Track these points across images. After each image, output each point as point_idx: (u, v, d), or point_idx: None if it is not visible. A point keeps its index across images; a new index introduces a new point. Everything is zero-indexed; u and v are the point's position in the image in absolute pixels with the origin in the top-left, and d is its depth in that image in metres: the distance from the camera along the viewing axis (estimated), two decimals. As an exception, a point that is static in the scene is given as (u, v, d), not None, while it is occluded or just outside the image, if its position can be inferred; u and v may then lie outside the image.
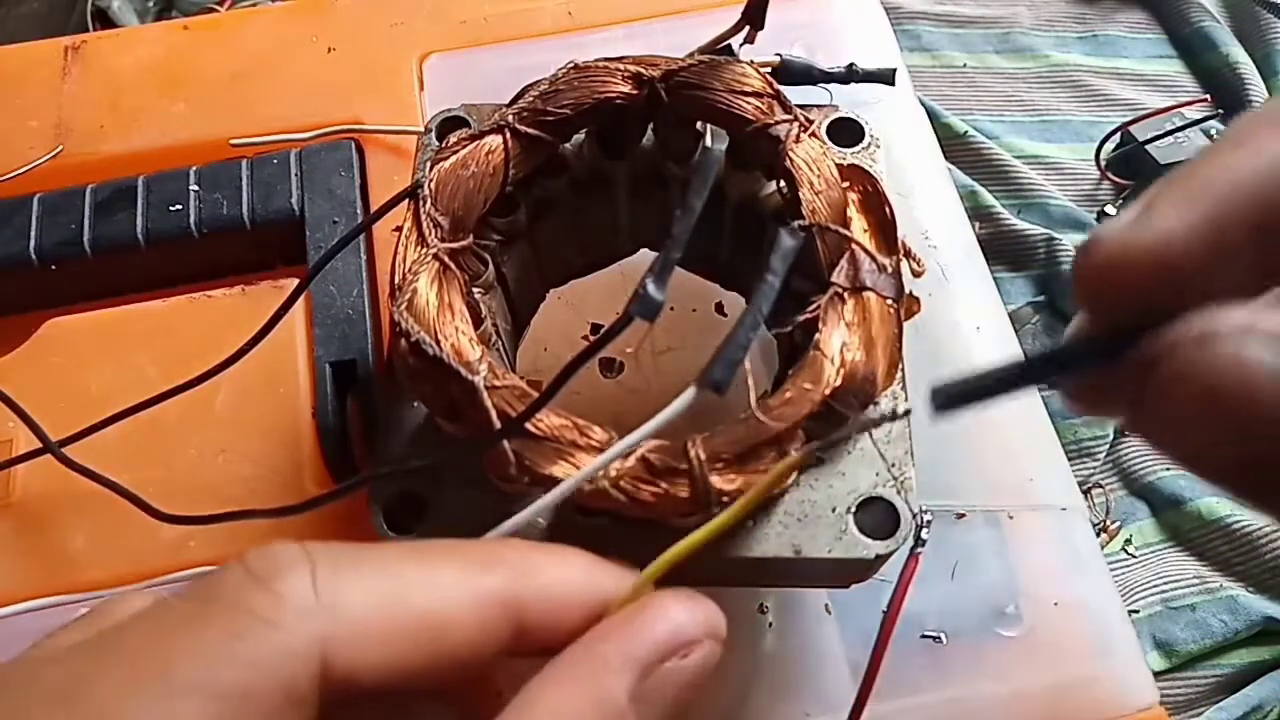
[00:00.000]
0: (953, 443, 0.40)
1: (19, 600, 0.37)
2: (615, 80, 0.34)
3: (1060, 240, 0.69)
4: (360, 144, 0.48)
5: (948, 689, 0.36)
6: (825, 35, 0.51)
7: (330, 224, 0.45)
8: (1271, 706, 0.53)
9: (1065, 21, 0.85)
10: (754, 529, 0.29)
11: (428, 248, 0.31)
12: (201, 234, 0.45)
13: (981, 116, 0.78)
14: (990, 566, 0.38)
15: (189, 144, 0.49)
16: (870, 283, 0.30)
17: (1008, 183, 0.74)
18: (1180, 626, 0.56)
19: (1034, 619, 0.37)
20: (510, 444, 0.26)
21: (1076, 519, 0.39)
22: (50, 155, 0.49)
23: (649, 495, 0.26)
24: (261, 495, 0.39)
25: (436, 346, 0.28)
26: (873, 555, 0.28)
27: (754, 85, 0.33)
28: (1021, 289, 0.70)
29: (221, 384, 0.38)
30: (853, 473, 0.29)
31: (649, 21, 0.53)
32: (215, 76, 0.51)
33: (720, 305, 0.43)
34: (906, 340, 0.31)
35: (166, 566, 0.38)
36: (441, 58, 0.52)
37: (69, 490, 0.38)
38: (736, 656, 0.36)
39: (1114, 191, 0.74)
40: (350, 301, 0.42)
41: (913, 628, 0.36)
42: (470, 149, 0.33)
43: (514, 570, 0.21)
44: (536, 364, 0.42)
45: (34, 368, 0.42)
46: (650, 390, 0.42)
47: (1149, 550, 0.60)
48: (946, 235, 0.45)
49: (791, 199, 0.32)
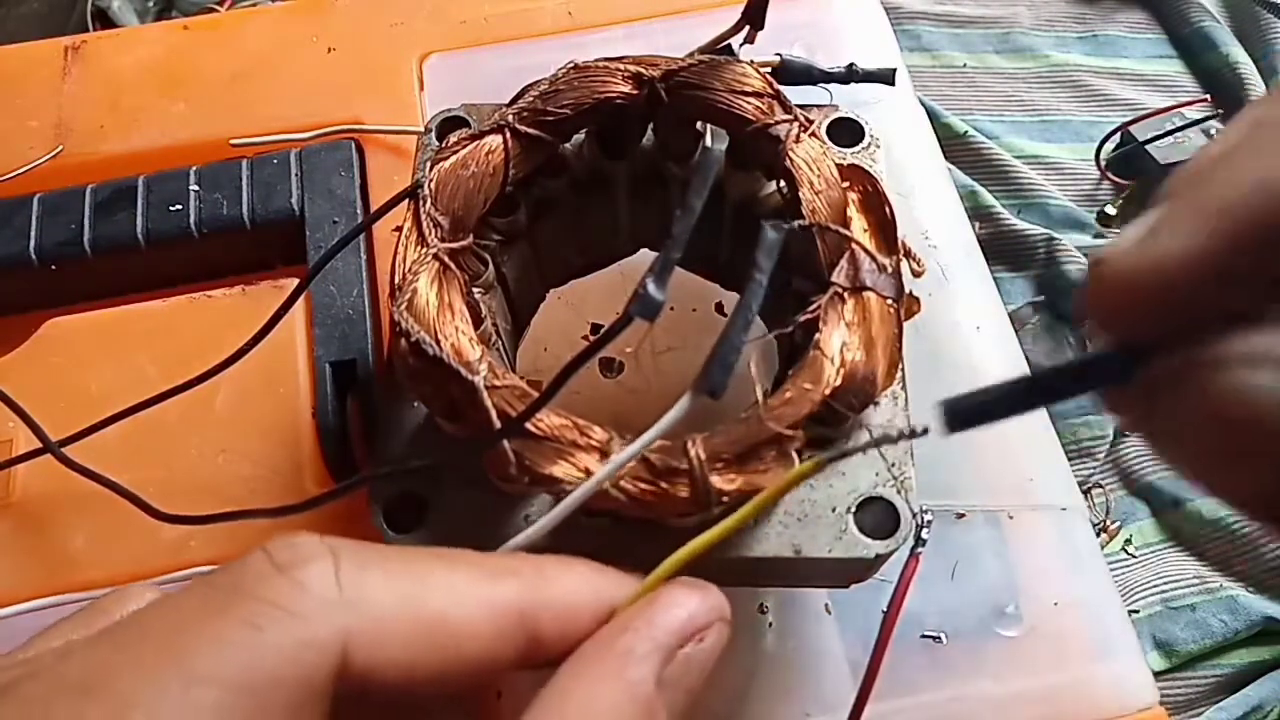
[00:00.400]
0: (953, 443, 0.39)
1: (19, 600, 0.37)
2: (615, 80, 0.34)
3: (1060, 240, 0.69)
4: (360, 144, 0.48)
5: (948, 689, 0.36)
6: (825, 35, 0.51)
7: (330, 224, 0.45)
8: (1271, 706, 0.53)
9: (1065, 21, 0.85)
10: (754, 529, 0.29)
11: (428, 248, 0.31)
12: (201, 234, 0.45)
13: (981, 116, 0.78)
14: (990, 566, 0.38)
15: (189, 144, 0.49)
16: (870, 283, 0.30)
17: (1008, 183, 0.74)
18: (1180, 626, 0.56)
19: (1034, 619, 0.37)
20: (510, 444, 0.26)
21: (1076, 519, 0.39)
22: (50, 155, 0.49)
23: (649, 495, 0.26)
24: (261, 495, 0.39)
25: (436, 346, 0.28)
26: (873, 555, 0.28)
27: (754, 85, 0.33)
28: (1021, 289, 0.70)
29: (221, 384, 0.38)
30: (853, 472, 0.29)
31: (649, 21, 0.53)
32: (215, 76, 0.51)
33: (720, 305, 0.43)
34: (906, 340, 0.31)
35: (166, 566, 0.38)
36: (441, 58, 0.52)
37: (69, 490, 0.38)
38: (736, 656, 0.36)
39: (1114, 191, 0.75)
40: (350, 301, 0.42)
41: (913, 628, 0.36)
42: (470, 149, 0.33)
43: (528, 582, 0.21)
44: (536, 364, 0.42)
45: (34, 368, 0.42)
46: (650, 390, 0.42)
47: (1149, 550, 0.60)
48: (946, 235, 0.45)
49: (791, 199, 0.32)
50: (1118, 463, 0.63)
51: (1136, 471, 0.62)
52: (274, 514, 0.31)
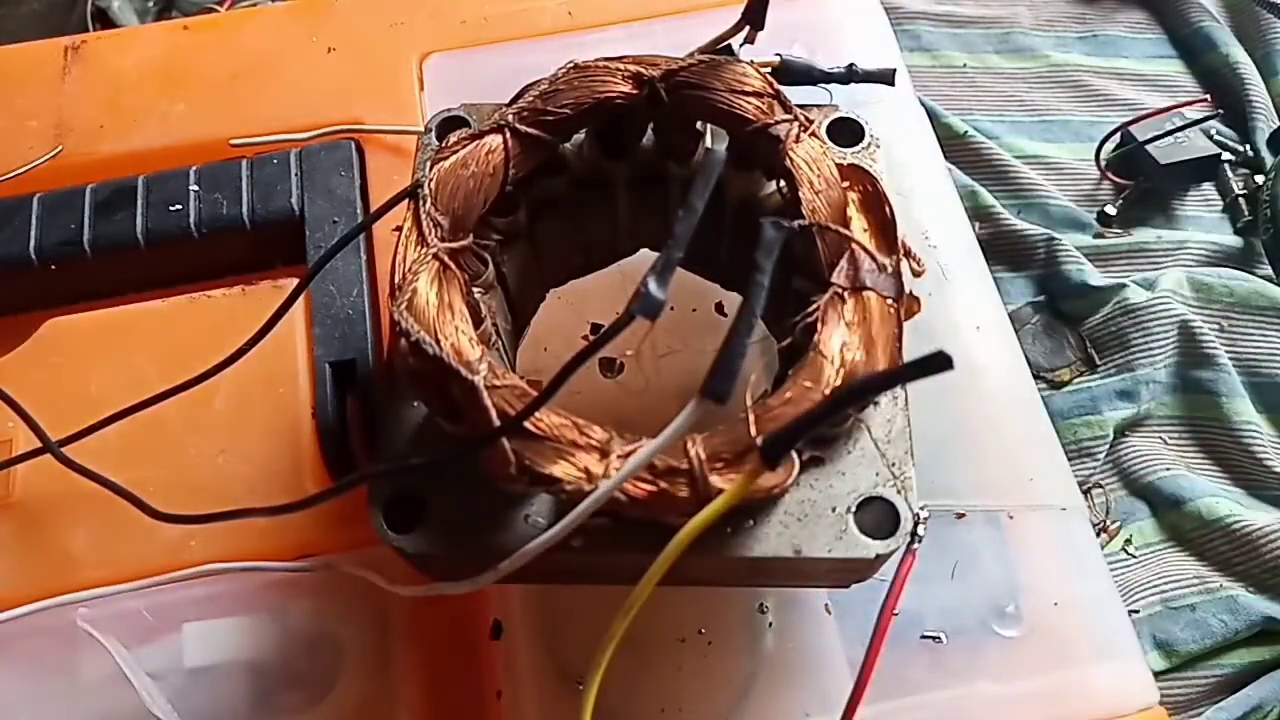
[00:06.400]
0: (953, 443, 0.40)
1: (19, 599, 0.37)
2: (615, 80, 0.34)
3: (1060, 240, 0.69)
4: (360, 144, 0.48)
5: (948, 689, 0.36)
6: (825, 35, 0.51)
7: (330, 224, 0.45)
8: (1271, 706, 0.53)
9: (1065, 21, 0.85)
10: (754, 529, 0.29)
11: (428, 247, 0.31)
12: (201, 234, 0.45)
13: (981, 116, 0.78)
14: (990, 566, 0.38)
15: (189, 144, 0.49)
16: (870, 283, 0.30)
17: (1008, 183, 0.74)
18: (1180, 626, 0.56)
19: (1034, 619, 0.37)
20: (510, 443, 0.26)
21: (1076, 519, 0.39)
22: (50, 155, 0.49)
23: (649, 494, 0.26)
24: (261, 495, 0.39)
25: (436, 346, 0.28)
26: (873, 555, 0.28)
27: (754, 85, 0.33)
28: (1021, 289, 0.70)
29: (221, 384, 0.38)
30: (853, 473, 0.29)
31: (649, 21, 0.53)
32: (215, 76, 0.51)
33: (720, 305, 0.43)
34: (906, 340, 0.31)
35: (166, 566, 0.37)
36: (441, 58, 0.52)
37: (69, 490, 0.38)
38: (736, 656, 0.36)
39: (1114, 191, 0.74)
40: (350, 301, 0.42)
41: (913, 628, 0.36)
42: (470, 149, 0.33)
43: None
44: (536, 364, 0.42)
45: (34, 368, 0.42)
46: (650, 390, 0.42)
47: (1149, 550, 0.60)
48: (946, 235, 0.45)
49: (791, 199, 0.32)
50: (1118, 463, 0.63)
51: (1136, 471, 0.62)
52: (271, 513, 0.31)
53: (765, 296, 0.22)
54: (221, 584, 0.37)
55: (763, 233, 0.22)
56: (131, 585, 0.37)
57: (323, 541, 0.38)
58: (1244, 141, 0.75)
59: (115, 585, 0.37)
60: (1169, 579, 0.58)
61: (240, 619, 0.37)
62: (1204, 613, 0.56)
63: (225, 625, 0.37)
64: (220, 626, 0.37)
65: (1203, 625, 0.56)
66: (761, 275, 0.22)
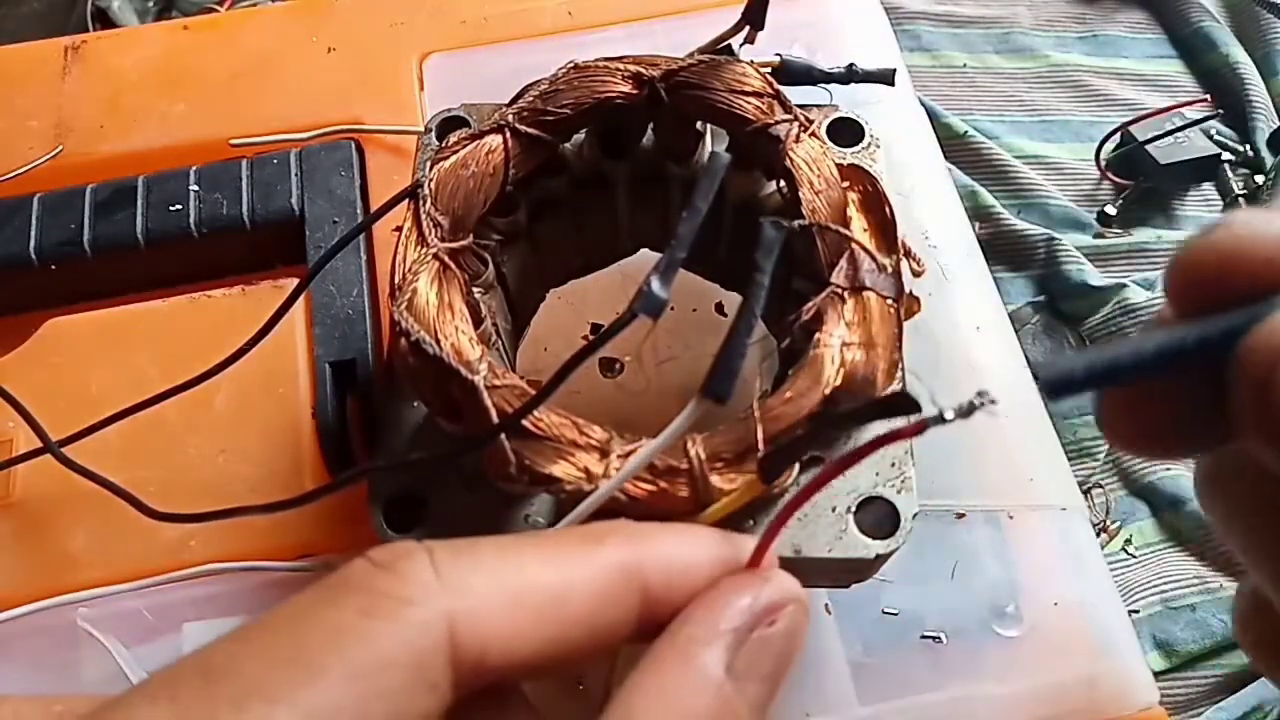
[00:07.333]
0: (953, 443, 0.40)
1: (19, 599, 0.37)
2: (615, 80, 0.34)
3: (1060, 240, 0.69)
4: (360, 144, 0.48)
5: (948, 689, 0.36)
6: (825, 35, 0.51)
7: (330, 224, 0.45)
8: (1271, 706, 0.53)
9: (1065, 21, 0.85)
10: (753, 529, 0.29)
11: (428, 247, 0.31)
12: (201, 234, 0.45)
13: (981, 116, 0.78)
14: (990, 566, 0.38)
15: (189, 144, 0.49)
16: (870, 282, 0.30)
17: (1008, 183, 0.74)
18: (1180, 626, 0.56)
19: (1034, 619, 0.37)
20: (510, 443, 0.26)
21: (1076, 519, 0.39)
22: (50, 155, 0.49)
23: (649, 494, 0.26)
24: (262, 495, 0.39)
25: (436, 346, 0.28)
26: (873, 555, 0.28)
27: (754, 85, 0.33)
28: (1021, 289, 0.70)
29: (221, 384, 0.38)
30: (852, 472, 0.29)
31: (649, 21, 0.53)
32: (215, 76, 0.51)
33: (720, 305, 0.43)
34: (906, 340, 0.31)
35: (167, 566, 0.37)
36: (441, 58, 0.52)
37: (69, 490, 0.38)
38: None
39: (1114, 191, 0.74)
40: (350, 301, 0.42)
41: (913, 628, 0.36)
42: (470, 149, 0.33)
43: (626, 539, 0.21)
44: (536, 364, 0.42)
45: (34, 368, 0.42)
46: (650, 390, 0.42)
47: (1149, 550, 0.60)
48: (946, 235, 0.45)
49: (791, 199, 0.32)
50: (1118, 463, 0.63)
51: (1136, 471, 0.62)
52: (269, 509, 0.31)
53: (765, 296, 0.22)
54: (222, 584, 0.37)
55: (763, 233, 0.22)
56: (132, 585, 0.37)
57: (323, 541, 0.38)
58: (1244, 141, 0.75)
59: (115, 585, 0.37)
60: (1169, 579, 0.58)
61: (240, 619, 0.37)
62: (1204, 613, 0.56)
63: (225, 625, 0.37)
64: (220, 626, 0.37)
65: (1203, 625, 0.56)
66: (761, 275, 0.22)
